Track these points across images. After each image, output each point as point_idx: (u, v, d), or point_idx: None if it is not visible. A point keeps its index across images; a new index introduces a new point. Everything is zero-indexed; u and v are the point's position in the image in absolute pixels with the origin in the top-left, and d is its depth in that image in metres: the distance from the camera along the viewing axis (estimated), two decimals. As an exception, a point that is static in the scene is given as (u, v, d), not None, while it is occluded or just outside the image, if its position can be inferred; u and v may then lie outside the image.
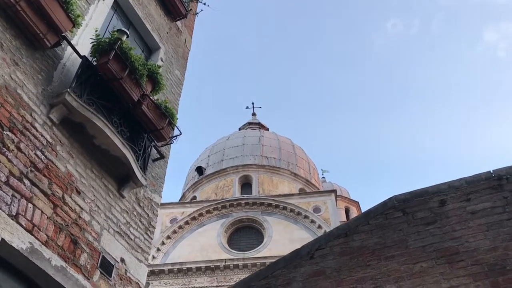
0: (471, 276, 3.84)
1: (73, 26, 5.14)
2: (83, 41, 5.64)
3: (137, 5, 7.34)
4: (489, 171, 4.48)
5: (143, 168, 5.79)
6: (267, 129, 37.97)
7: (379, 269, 4.19)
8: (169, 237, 25.62)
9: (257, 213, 26.29)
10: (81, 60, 5.33)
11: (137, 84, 5.44)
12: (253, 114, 40.95)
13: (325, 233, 4.78)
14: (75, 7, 5.18)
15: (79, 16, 5.24)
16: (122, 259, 5.21)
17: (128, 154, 5.40)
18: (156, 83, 5.87)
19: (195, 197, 30.95)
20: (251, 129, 36.91)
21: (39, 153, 4.51)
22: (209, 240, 25.23)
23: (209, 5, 9.11)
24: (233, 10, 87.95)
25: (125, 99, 5.43)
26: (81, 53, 5.40)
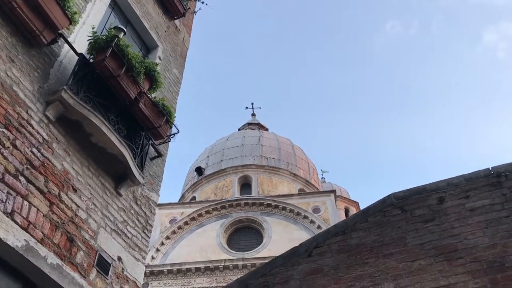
0: (469, 273, 3.82)
1: (70, 23, 5.12)
2: (80, 39, 5.61)
3: (135, 3, 7.32)
4: (488, 168, 4.45)
5: (141, 166, 5.75)
6: (266, 130, 37.94)
7: (377, 266, 4.16)
8: (168, 238, 25.58)
9: (256, 214, 26.27)
10: (78, 57, 5.30)
11: (134, 81, 5.41)
12: (253, 114, 40.93)
13: (323, 231, 4.75)
14: (72, 4, 5.15)
15: (76, 13, 5.22)
16: (119, 258, 5.18)
17: (125, 152, 5.37)
18: (153, 81, 5.84)
19: (194, 198, 30.91)
20: (250, 130, 36.87)
21: (35, 150, 4.48)
22: (208, 240, 25.19)
23: (207, 4, 9.09)
24: (232, 9, 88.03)
25: (122, 96, 5.40)
26: (78, 50, 5.37)
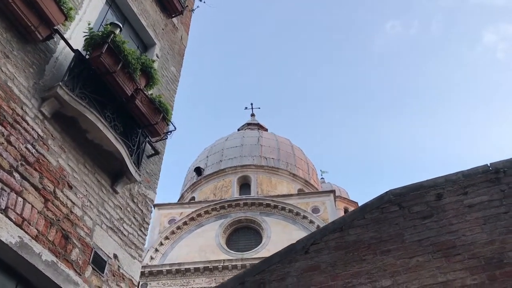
0: (467, 269, 3.78)
1: (66, 19, 5.08)
2: (77, 35, 5.57)
3: (132, 0, 7.28)
4: (486, 164, 4.41)
5: (137, 163, 5.72)
6: (266, 130, 37.88)
7: (375, 263, 4.12)
8: (167, 238, 25.55)
9: (255, 214, 26.23)
10: (74, 54, 5.27)
11: (130, 78, 5.37)
12: (252, 115, 40.87)
13: (320, 227, 4.71)
14: (68, 0, 5.12)
15: (72, 9, 5.18)
16: (115, 255, 5.14)
17: (121, 149, 5.33)
18: (150, 77, 5.80)
19: (193, 198, 30.86)
20: (250, 130, 36.82)
21: (30, 146, 4.44)
22: (207, 240, 25.15)
23: (205, 2, 9.05)
24: (231, 9, 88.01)
25: (118, 93, 5.37)
26: (74, 47, 5.34)
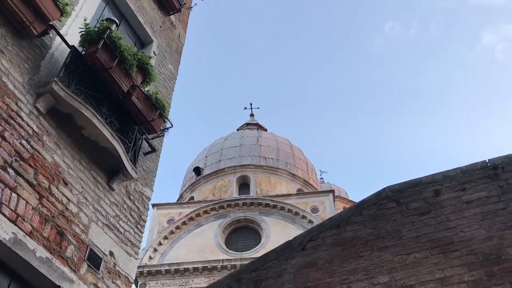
0: (465, 266, 3.75)
1: (61, 15, 5.04)
2: (73, 32, 5.54)
3: (129, -3, 7.24)
4: (485, 161, 4.38)
5: (134, 160, 5.68)
6: (265, 130, 37.82)
7: (372, 260, 4.09)
8: (166, 238, 25.47)
9: (254, 214, 26.16)
10: (70, 50, 5.23)
11: (126, 74, 5.34)
12: (251, 115, 40.78)
13: (317, 224, 4.68)
14: (64, -5, 5.08)
15: (68, 4, 5.14)
16: (111, 252, 5.10)
17: (117, 145, 5.29)
18: (146, 74, 5.76)
19: (192, 198, 30.79)
20: (249, 130, 36.76)
21: (24, 142, 4.40)
22: (206, 240, 25.08)
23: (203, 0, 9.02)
24: (231, 8, 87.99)
25: (114, 89, 5.33)
26: (71, 43, 5.30)
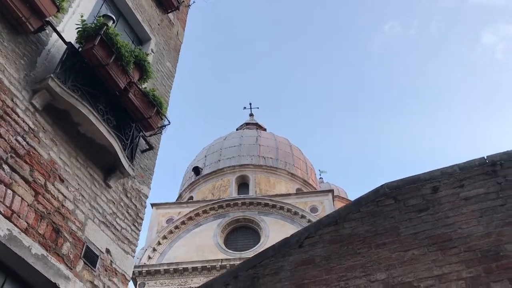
0: (463, 262, 3.72)
1: (58, 11, 5.01)
2: (70, 28, 5.51)
3: (127, -5, 7.21)
4: (483, 157, 4.36)
5: (131, 158, 5.65)
6: (264, 130, 37.79)
7: (370, 257, 4.06)
8: (165, 237, 25.42)
9: (254, 213, 26.13)
10: (67, 46, 5.20)
11: (123, 71, 5.31)
12: (251, 114, 40.74)
13: (315, 221, 4.65)
14: (60, -9, 5.05)
15: (64, 0, 5.11)
16: (107, 250, 5.07)
17: (114, 143, 5.26)
18: (144, 71, 5.73)
19: (191, 197, 30.76)
20: (248, 130, 36.73)
21: (20, 139, 4.37)
22: (205, 240, 25.04)
23: (201, -3, 8.98)
24: (230, 7, 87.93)
25: (111, 86, 5.30)
26: (67, 40, 5.27)
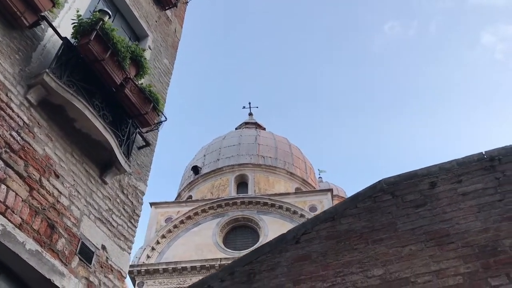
0: (461, 258, 3.69)
1: (53, 5, 4.98)
2: (65, 24, 5.47)
3: (124, -9, 7.17)
4: (481, 152, 4.33)
5: (127, 154, 5.61)
6: (263, 129, 37.76)
7: (367, 252, 4.03)
8: (164, 237, 25.39)
9: (253, 212, 26.10)
10: (62, 41, 5.17)
11: (119, 66, 5.27)
12: (250, 114, 40.71)
13: (312, 217, 4.62)
14: (56, -14, 5.02)
15: (60, -5, 5.08)
16: (103, 246, 5.03)
17: (110, 138, 5.23)
18: (140, 66, 5.69)
19: (190, 197, 30.72)
20: (247, 129, 36.70)
21: (14, 134, 4.34)
22: (204, 239, 25.01)
23: (199, -5, 8.94)
24: (230, 6, 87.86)
25: (107, 82, 5.27)
26: (63, 35, 5.24)
